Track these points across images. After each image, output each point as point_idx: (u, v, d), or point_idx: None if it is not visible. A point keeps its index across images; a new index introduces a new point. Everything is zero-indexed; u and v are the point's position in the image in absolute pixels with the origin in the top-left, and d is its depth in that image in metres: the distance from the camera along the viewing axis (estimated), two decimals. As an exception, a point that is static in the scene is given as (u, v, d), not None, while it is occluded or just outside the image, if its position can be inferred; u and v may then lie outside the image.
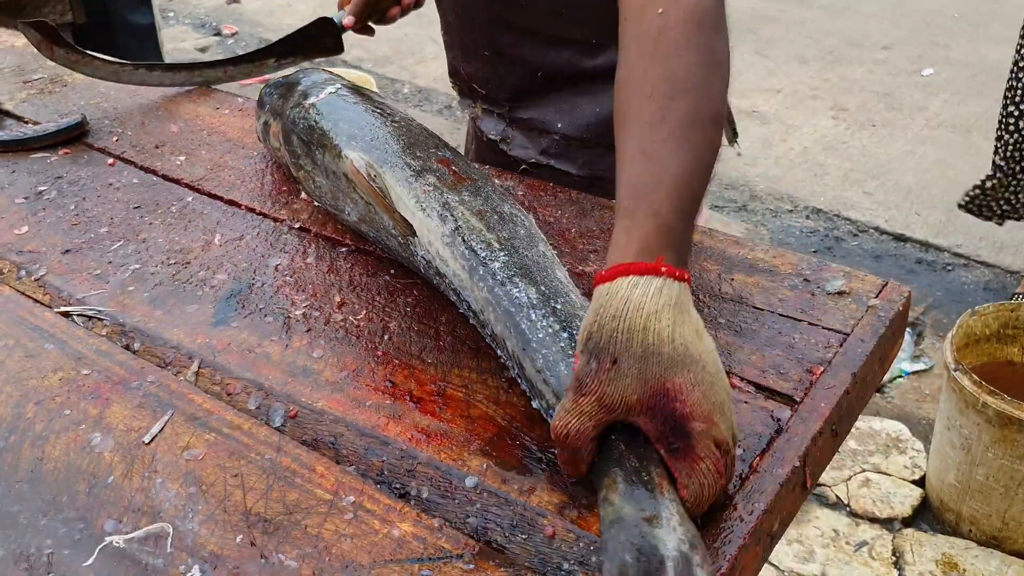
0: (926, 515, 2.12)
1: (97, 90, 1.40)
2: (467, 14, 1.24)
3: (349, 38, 1.32)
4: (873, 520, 2.06)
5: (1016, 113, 2.51)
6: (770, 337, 0.83)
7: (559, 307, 0.75)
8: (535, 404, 0.73)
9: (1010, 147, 2.56)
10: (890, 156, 3.82)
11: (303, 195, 1.10)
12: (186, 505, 0.69)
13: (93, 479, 0.72)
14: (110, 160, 1.20)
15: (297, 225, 1.05)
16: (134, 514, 0.69)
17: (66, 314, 0.92)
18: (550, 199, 1.07)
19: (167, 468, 0.73)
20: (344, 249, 1.00)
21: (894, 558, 1.96)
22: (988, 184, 2.69)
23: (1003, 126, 2.57)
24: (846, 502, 2.10)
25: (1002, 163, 2.61)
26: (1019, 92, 2.50)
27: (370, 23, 1.28)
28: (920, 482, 2.14)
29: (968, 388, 1.77)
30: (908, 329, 2.89)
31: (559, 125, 1.24)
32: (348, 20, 1.26)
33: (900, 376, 2.71)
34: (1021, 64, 2.49)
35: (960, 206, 2.85)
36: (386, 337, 0.86)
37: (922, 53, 4.75)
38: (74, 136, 1.24)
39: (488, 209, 0.86)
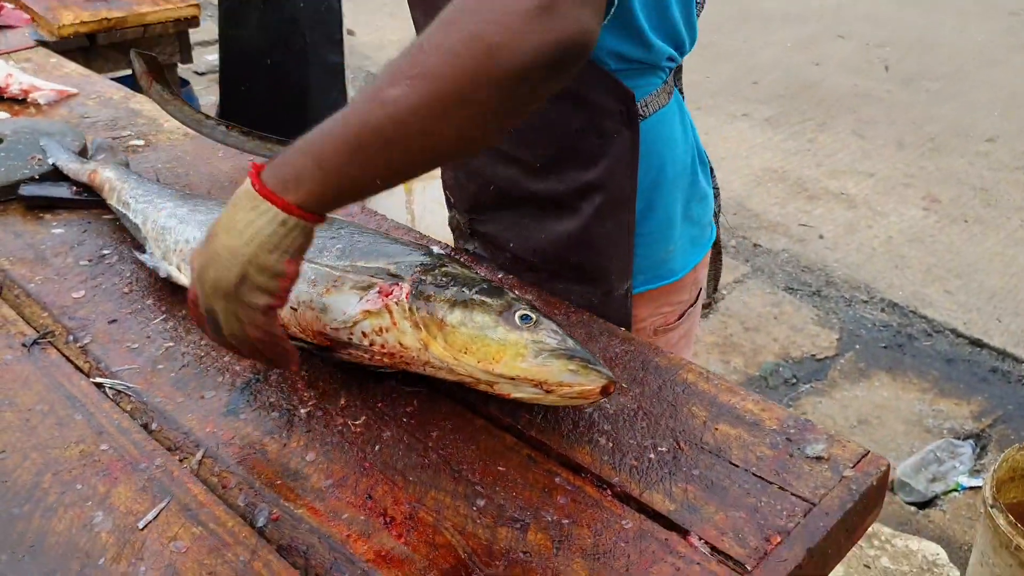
0: (956, 646, 2.07)
1: (175, 153, 1.51)
2: None
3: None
4: (898, 643, 2.01)
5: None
6: (738, 497, 0.85)
7: None
8: None
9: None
10: (978, 255, 3.72)
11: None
12: (161, 597, 0.76)
13: (87, 559, 0.79)
14: (171, 228, 1.29)
15: (324, 317, 1.12)
16: (114, 600, 0.76)
17: (99, 385, 1.00)
18: (562, 319, 1.11)
19: (152, 557, 0.79)
20: (361, 348, 1.06)
21: None
22: None
23: None
24: (873, 620, 2.06)
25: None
26: None
27: None
28: (953, 610, 2.09)
29: (1003, 527, 1.73)
30: (971, 441, 2.81)
31: (511, 244, 1.26)
32: None
33: (956, 490, 2.64)
34: None
35: None
36: (377, 447, 0.91)
37: (1029, 149, 4.62)
38: (144, 201, 1.34)
39: None
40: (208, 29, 3.97)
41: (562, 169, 1.17)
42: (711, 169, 1.35)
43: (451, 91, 0.75)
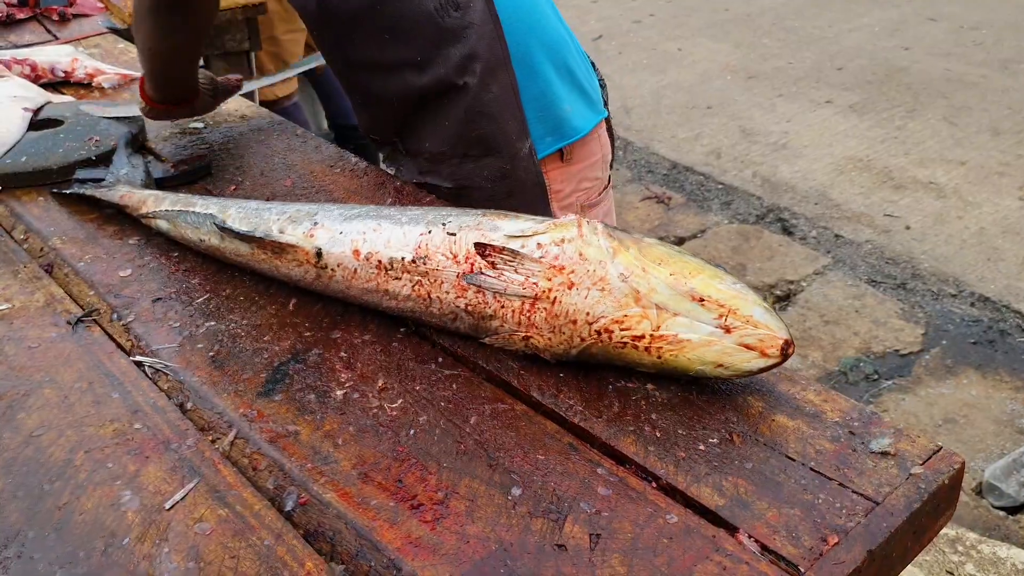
0: (1046, 659, 1.94)
1: (231, 135, 1.50)
2: (336, 67, 1.41)
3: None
4: (982, 654, 1.89)
5: None
6: (793, 493, 0.79)
7: None
8: None
9: None
10: (1078, 248, 3.51)
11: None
12: (181, 580, 0.74)
13: (111, 538, 0.78)
14: (222, 209, 1.28)
15: (368, 298, 1.08)
16: (134, 581, 0.74)
17: (139, 363, 0.99)
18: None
19: (177, 538, 0.77)
20: (403, 331, 1.03)
21: None
22: None
23: None
24: (955, 629, 1.95)
25: None
26: None
27: None
28: (1045, 622, 1.96)
29: (1099, 535, 1.60)
30: (1067, 443, 2.65)
31: (427, 144, 1.38)
32: None
33: (1050, 494, 2.49)
34: None
35: None
36: (412, 431, 0.88)
37: None
38: (197, 178, 1.34)
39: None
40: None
41: (439, 53, 1.30)
42: (592, 64, 1.55)
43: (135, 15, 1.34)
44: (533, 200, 1.38)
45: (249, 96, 2.39)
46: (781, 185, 4.04)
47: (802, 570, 0.72)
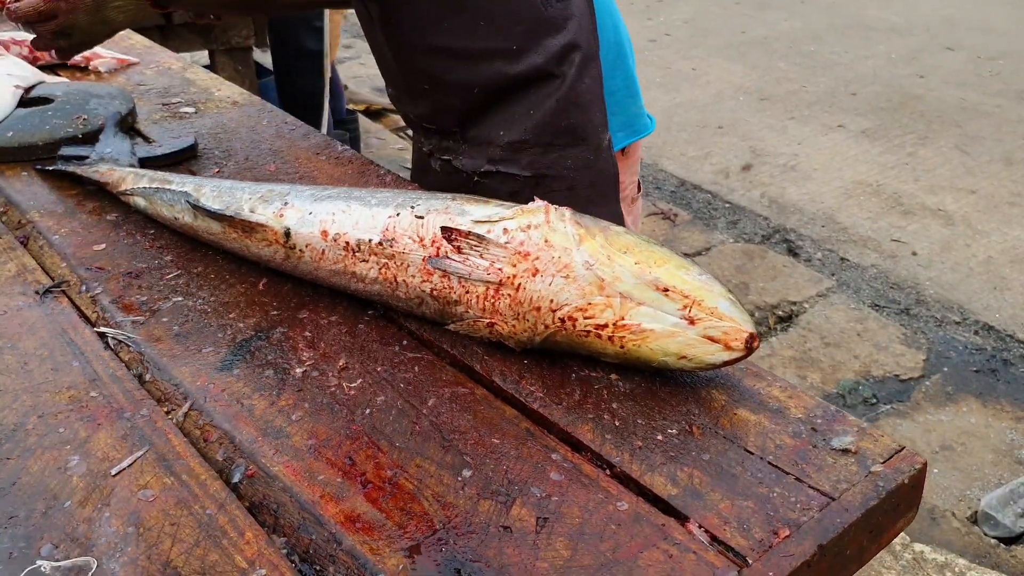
0: None
1: (220, 120, 1.50)
2: (402, 51, 1.32)
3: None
4: None
5: None
6: (748, 486, 0.77)
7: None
8: None
9: None
10: (1086, 280, 3.48)
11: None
12: (118, 544, 0.72)
13: (53, 500, 0.76)
14: (204, 190, 1.28)
15: (340, 281, 1.08)
16: (71, 543, 0.72)
17: (102, 334, 0.98)
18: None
19: (119, 503, 0.76)
20: (371, 313, 1.02)
21: None
22: None
23: None
24: (940, 656, 1.91)
25: None
26: None
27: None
28: (1032, 652, 1.92)
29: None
30: (1066, 475, 2.60)
31: (502, 133, 1.32)
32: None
33: (1047, 526, 2.45)
34: None
35: None
36: (368, 411, 0.86)
37: None
38: (180, 160, 1.34)
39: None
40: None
41: (538, 42, 1.26)
42: None
43: None
44: (609, 191, 1.37)
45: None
46: (788, 206, 4.03)
47: (750, 561, 0.70)
